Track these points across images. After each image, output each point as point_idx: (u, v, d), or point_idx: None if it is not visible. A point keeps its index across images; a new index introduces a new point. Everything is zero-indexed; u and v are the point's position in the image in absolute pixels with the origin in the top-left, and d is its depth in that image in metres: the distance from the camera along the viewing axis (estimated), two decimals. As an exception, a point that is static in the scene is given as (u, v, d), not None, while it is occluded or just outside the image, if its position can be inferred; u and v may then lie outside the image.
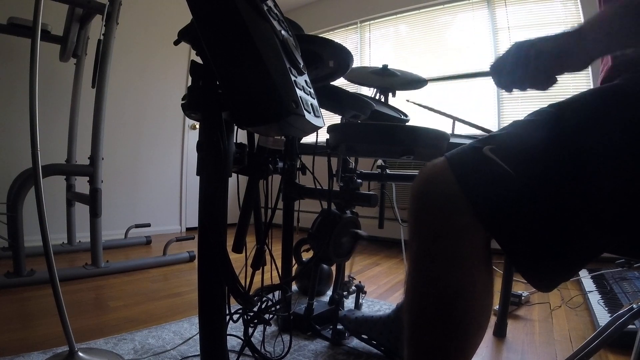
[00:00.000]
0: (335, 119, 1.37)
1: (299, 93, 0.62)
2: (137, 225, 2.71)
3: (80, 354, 0.95)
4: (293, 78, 0.62)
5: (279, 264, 1.24)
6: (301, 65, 0.70)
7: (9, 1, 2.16)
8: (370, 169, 1.51)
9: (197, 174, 0.71)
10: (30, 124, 0.92)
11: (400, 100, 1.64)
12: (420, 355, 0.51)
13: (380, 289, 1.82)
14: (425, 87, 1.55)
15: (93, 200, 1.84)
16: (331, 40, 0.92)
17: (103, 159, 1.90)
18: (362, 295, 1.36)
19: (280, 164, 0.96)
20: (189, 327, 1.26)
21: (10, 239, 1.62)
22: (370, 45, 3.49)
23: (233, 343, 1.06)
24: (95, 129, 1.89)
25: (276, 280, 1.01)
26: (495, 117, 2.75)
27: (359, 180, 1.22)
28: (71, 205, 2.30)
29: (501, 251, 0.48)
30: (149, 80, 3.06)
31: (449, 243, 0.49)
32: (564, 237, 0.45)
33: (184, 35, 0.70)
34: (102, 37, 1.86)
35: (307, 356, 1.09)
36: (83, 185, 1.95)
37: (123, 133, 2.88)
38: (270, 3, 0.69)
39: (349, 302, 1.42)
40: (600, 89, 0.53)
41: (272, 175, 0.95)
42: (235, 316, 0.94)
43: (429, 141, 1.00)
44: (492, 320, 1.28)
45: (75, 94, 2.29)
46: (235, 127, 0.75)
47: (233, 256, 0.74)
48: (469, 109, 2.88)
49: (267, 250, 0.94)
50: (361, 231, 1.24)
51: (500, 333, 1.26)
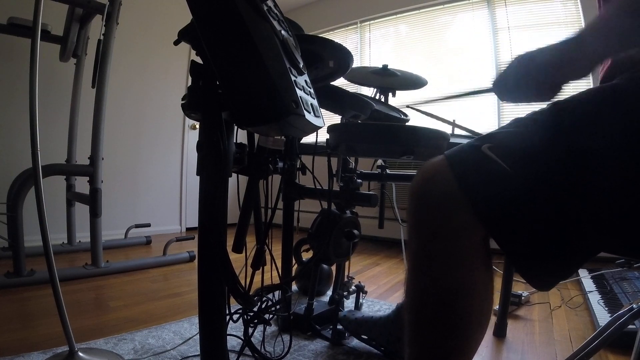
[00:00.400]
0: (335, 119, 1.37)
1: (299, 93, 0.62)
2: (137, 225, 2.71)
3: (80, 354, 0.95)
4: (293, 78, 0.62)
5: (279, 264, 1.24)
6: (301, 65, 0.70)
7: (9, 1, 2.16)
8: (370, 169, 1.51)
9: (197, 174, 0.71)
10: (30, 124, 0.92)
11: (401, 100, 1.64)
12: (421, 354, 0.51)
13: (380, 289, 1.82)
14: (425, 87, 1.55)
15: (93, 200, 1.84)
16: (331, 40, 0.92)
17: (103, 159, 1.90)
18: (363, 295, 1.36)
19: (280, 164, 0.96)
20: (189, 327, 1.26)
21: (10, 239, 1.62)
22: (370, 45, 3.49)
23: (233, 343, 1.06)
24: (95, 129, 1.89)
25: (276, 280, 1.01)
26: (495, 117, 2.76)
27: (359, 180, 1.22)
28: (71, 205, 2.30)
29: (501, 251, 0.48)
30: (149, 80, 3.06)
31: (448, 242, 0.49)
32: (563, 236, 0.45)
33: (184, 35, 0.70)
34: (102, 37, 1.86)
35: (307, 356, 1.09)
36: (83, 185, 1.95)
37: (123, 133, 2.88)
38: (270, 3, 0.69)
39: (349, 302, 1.42)
40: (599, 88, 0.53)
41: (272, 175, 0.95)
42: (235, 316, 0.94)
43: (429, 141, 1.00)
44: (492, 320, 1.28)
45: (75, 94, 2.29)
46: (235, 127, 0.75)
47: (233, 256, 0.74)
48: (469, 109, 2.88)
49: (267, 250, 0.94)
50: (355, 230, 1.24)
51: (500, 333, 1.26)
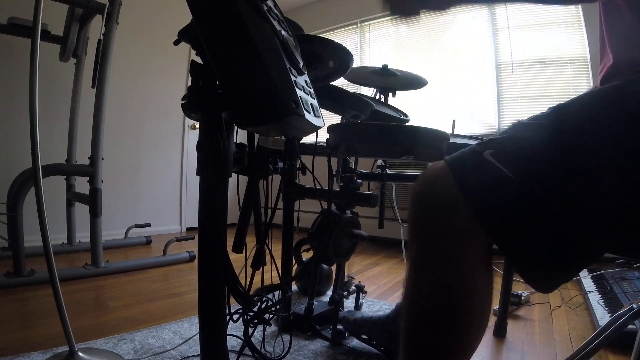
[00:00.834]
0: (335, 119, 1.37)
1: (299, 93, 0.62)
2: (137, 225, 2.71)
3: (80, 354, 0.95)
4: (293, 78, 0.62)
5: (279, 264, 1.24)
6: (301, 65, 0.70)
7: (9, 1, 2.16)
8: (370, 169, 1.51)
9: (197, 174, 0.71)
10: (30, 124, 0.92)
11: (401, 100, 1.64)
12: (420, 355, 0.51)
13: (380, 289, 1.82)
14: (425, 87, 1.55)
15: (93, 200, 1.84)
16: (331, 40, 0.92)
17: (103, 159, 1.90)
18: (362, 295, 1.36)
19: (280, 164, 0.96)
20: (189, 327, 1.26)
21: (10, 239, 1.63)
22: (370, 45, 3.49)
23: (233, 343, 1.06)
24: (95, 129, 1.89)
25: (276, 280, 1.01)
26: (495, 117, 2.76)
27: (359, 180, 1.22)
28: (71, 205, 2.30)
29: (501, 252, 0.48)
30: (149, 80, 3.06)
31: (449, 246, 0.49)
32: (564, 239, 0.45)
33: (184, 35, 0.70)
34: (102, 37, 1.86)
35: (307, 356, 1.09)
36: (83, 185, 1.95)
37: (123, 133, 2.88)
38: (270, 3, 0.69)
39: (349, 302, 1.42)
40: (599, 90, 0.53)
41: (272, 175, 0.95)
42: (235, 316, 0.94)
43: (429, 141, 1.00)
44: (492, 320, 1.28)
45: (75, 94, 2.29)
46: (235, 127, 0.75)
47: (233, 256, 0.74)
48: (469, 109, 2.89)
49: (267, 250, 0.94)
50: (362, 232, 1.24)
51: (500, 333, 1.26)
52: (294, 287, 1.64)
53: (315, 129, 0.71)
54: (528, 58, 2.65)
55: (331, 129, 1.09)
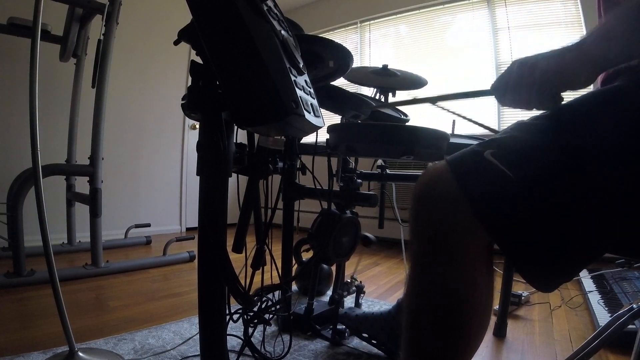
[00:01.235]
0: (335, 119, 1.37)
1: (299, 93, 0.62)
2: (137, 225, 2.71)
3: (80, 354, 0.95)
4: (293, 78, 0.62)
5: (279, 264, 1.24)
6: (301, 65, 0.70)
7: (9, 1, 2.16)
8: (370, 169, 1.51)
9: (197, 174, 0.71)
10: (30, 124, 0.92)
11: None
12: (421, 355, 0.51)
13: (380, 289, 1.82)
14: (425, 87, 1.55)
15: (93, 200, 1.84)
16: (331, 40, 0.92)
17: (103, 159, 1.90)
18: (362, 295, 1.36)
19: (280, 164, 0.96)
20: (189, 327, 1.26)
21: (10, 239, 1.62)
22: (370, 45, 3.49)
23: (233, 343, 1.06)
24: (95, 129, 1.89)
25: (276, 280, 1.01)
26: (495, 117, 2.75)
27: (359, 180, 1.22)
28: (71, 205, 2.30)
29: (501, 251, 0.48)
30: (149, 80, 3.06)
31: (450, 245, 0.49)
32: (564, 239, 0.45)
33: (184, 35, 0.70)
34: (102, 37, 1.86)
35: (307, 356, 1.09)
36: (83, 185, 1.95)
37: (123, 133, 2.88)
38: (270, 3, 0.69)
39: (349, 302, 1.42)
40: (600, 90, 0.53)
41: (272, 175, 0.95)
42: (235, 316, 0.94)
43: (429, 141, 1.00)
44: (492, 320, 1.28)
45: (75, 94, 2.29)
46: (235, 127, 0.75)
47: (233, 256, 0.74)
48: (468, 109, 2.88)
49: (267, 250, 0.94)
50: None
51: (500, 333, 1.26)
52: (294, 287, 1.64)
53: (315, 129, 0.70)
54: (528, 58, 2.64)
55: (331, 129, 1.09)
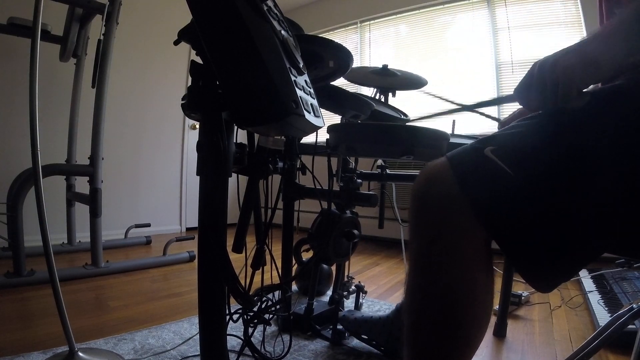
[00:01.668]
0: (335, 119, 1.37)
1: (299, 93, 0.62)
2: (137, 225, 2.71)
3: (80, 354, 0.95)
4: (293, 78, 0.62)
5: (279, 264, 1.24)
6: (301, 65, 0.70)
7: (9, 1, 2.15)
8: (370, 169, 1.51)
9: (197, 174, 0.71)
10: (30, 124, 0.92)
11: (401, 100, 1.64)
12: (421, 355, 0.51)
13: (380, 289, 1.82)
14: (425, 87, 1.55)
15: (93, 200, 1.84)
16: (331, 40, 0.92)
17: (103, 159, 1.90)
18: (362, 295, 1.36)
19: (280, 164, 0.96)
20: (189, 327, 1.26)
21: (10, 239, 1.62)
22: (370, 45, 3.49)
23: (233, 343, 1.06)
24: (95, 129, 1.89)
25: (276, 280, 1.01)
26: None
27: (359, 180, 1.22)
28: (71, 205, 2.30)
29: (501, 251, 0.48)
30: (149, 80, 3.06)
31: (450, 243, 0.49)
32: (564, 238, 0.45)
33: (184, 35, 0.70)
34: (102, 37, 1.86)
35: (307, 356, 1.09)
36: (83, 185, 1.94)
37: (123, 133, 2.88)
38: (270, 3, 0.69)
39: (349, 302, 1.42)
40: (600, 89, 0.53)
41: (272, 175, 0.95)
42: (235, 316, 0.94)
43: (429, 141, 1.00)
44: (492, 320, 1.28)
45: (75, 94, 2.29)
46: (235, 127, 0.75)
47: (233, 256, 0.74)
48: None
49: (267, 250, 0.94)
50: (355, 231, 1.24)
51: (500, 333, 1.26)
52: (294, 287, 1.64)
53: (315, 129, 0.71)
54: (528, 58, 2.65)
55: (331, 129, 1.09)
